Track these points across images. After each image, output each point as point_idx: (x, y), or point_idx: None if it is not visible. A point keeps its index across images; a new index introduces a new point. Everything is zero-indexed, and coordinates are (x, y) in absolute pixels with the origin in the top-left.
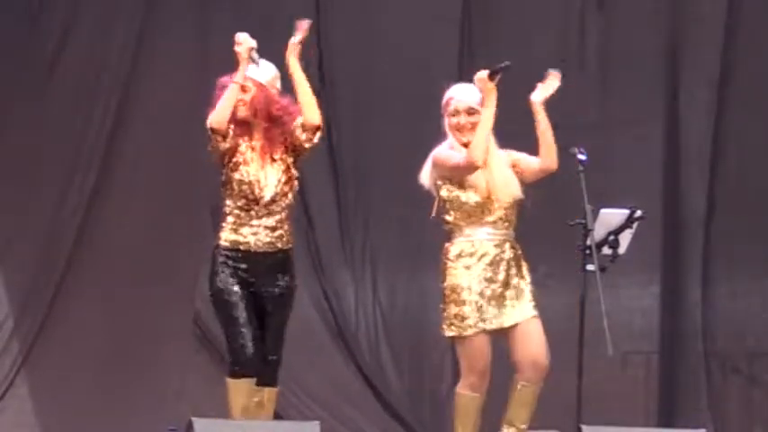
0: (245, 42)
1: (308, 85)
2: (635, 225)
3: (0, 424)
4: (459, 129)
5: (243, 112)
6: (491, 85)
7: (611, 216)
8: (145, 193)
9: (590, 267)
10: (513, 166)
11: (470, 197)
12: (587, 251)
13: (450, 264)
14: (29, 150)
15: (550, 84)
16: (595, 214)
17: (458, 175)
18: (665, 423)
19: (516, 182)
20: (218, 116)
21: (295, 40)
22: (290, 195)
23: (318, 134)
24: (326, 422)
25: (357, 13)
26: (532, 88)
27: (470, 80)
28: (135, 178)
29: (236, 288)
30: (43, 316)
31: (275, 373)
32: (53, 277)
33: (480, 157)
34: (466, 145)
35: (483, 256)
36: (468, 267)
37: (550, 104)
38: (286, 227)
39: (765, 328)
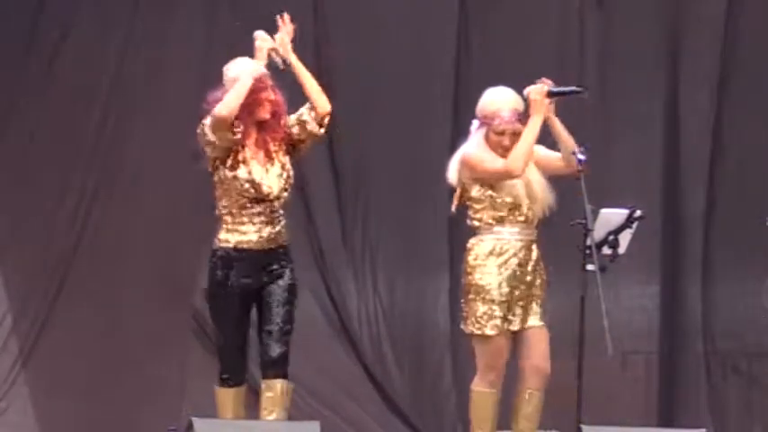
0: (267, 39)
1: (310, 74)
2: (635, 225)
3: (0, 424)
4: (504, 148)
5: (267, 113)
6: (547, 101)
7: (611, 216)
8: (145, 192)
9: (590, 267)
10: (536, 163)
11: (504, 197)
12: (587, 251)
13: (479, 261)
14: (29, 150)
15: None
16: (595, 214)
17: (492, 180)
18: (665, 423)
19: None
20: (227, 107)
21: (286, 39)
22: (288, 191)
23: (328, 119)
24: (328, 419)
25: (355, 11)
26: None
27: (469, 79)
28: (135, 178)
29: (235, 293)
30: (44, 316)
31: (283, 366)
32: (53, 277)
33: (522, 168)
34: (503, 156)
35: (513, 255)
36: (498, 266)
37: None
38: (284, 222)
39: (765, 328)
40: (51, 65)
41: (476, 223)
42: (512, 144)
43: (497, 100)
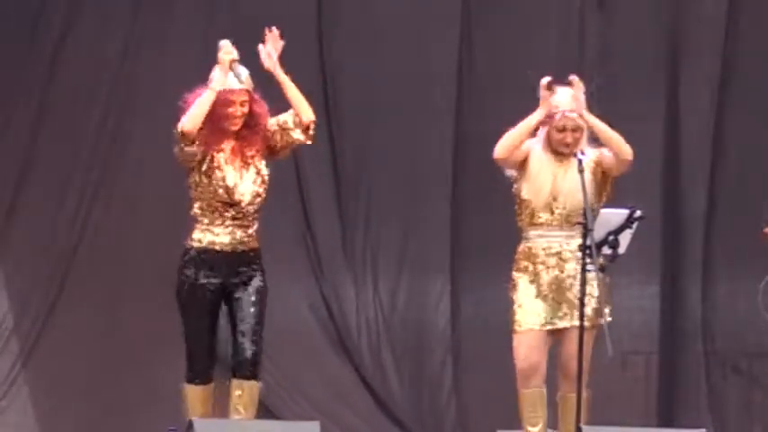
0: (230, 52)
1: (293, 84)
2: (635, 225)
3: (0, 424)
4: (565, 144)
5: (238, 126)
6: (547, 94)
7: (611, 216)
8: (145, 192)
9: (590, 267)
10: (597, 165)
11: (532, 197)
12: (587, 251)
13: (517, 259)
14: (29, 150)
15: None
16: (595, 214)
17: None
18: (664, 423)
19: (584, 192)
20: (191, 121)
21: (270, 49)
22: (263, 196)
23: (313, 127)
24: (325, 425)
25: (358, 13)
26: (533, 89)
27: (471, 79)
28: (135, 178)
29: (205, 293)
30: (44, 316)
31: (255, 367)
32: (53, 277)
33: (501, 151)
34: (567, 155)
35: (543, 257)
36: (527, 268)
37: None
38: (255, 225)
39: (765, 328)
40: (51, 65)
41: (518, 224)
42: (575, 141)
43: (557, 98)
